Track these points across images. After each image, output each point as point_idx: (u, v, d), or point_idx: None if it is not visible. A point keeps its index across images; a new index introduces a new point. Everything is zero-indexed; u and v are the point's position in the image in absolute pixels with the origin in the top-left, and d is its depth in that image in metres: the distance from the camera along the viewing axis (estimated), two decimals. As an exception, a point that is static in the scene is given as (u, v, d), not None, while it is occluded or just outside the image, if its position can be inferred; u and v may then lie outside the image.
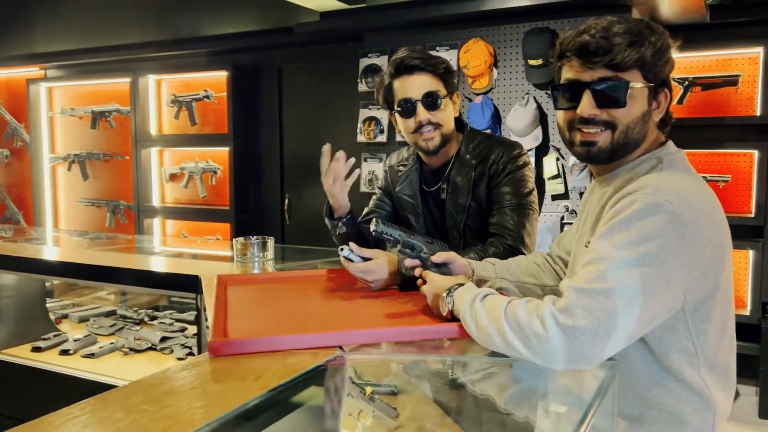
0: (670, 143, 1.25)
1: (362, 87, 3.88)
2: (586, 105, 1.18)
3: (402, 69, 1.76)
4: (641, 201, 1.08)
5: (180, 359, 2.71)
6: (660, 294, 1.06)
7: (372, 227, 1.48)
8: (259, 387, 1.01)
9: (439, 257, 1.45)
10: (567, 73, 1.22)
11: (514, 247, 1.69)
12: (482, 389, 1.41)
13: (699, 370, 1.16)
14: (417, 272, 1.44)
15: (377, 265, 1.60)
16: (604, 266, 1.05)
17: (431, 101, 1.73)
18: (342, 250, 1.62)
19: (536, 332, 1.05)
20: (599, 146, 1.20)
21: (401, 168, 1.95)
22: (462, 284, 1.29)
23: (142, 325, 2.96)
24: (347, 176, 1.75)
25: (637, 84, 1.16)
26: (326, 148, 1.74)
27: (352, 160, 1.75)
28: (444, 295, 1.28)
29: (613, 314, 1.02)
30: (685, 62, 3.54)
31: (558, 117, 1.28)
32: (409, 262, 1.47)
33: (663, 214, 1.06)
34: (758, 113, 3.40)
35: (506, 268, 1.52)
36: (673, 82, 1.25)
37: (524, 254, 1.68)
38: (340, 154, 1.73)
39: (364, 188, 3.92)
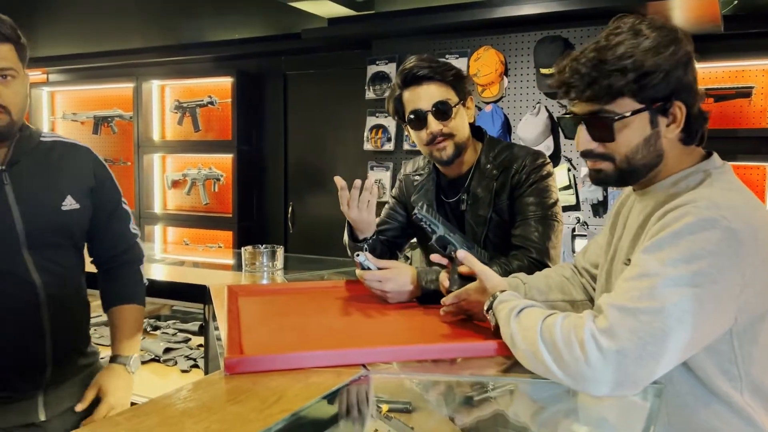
0: (716, 156, 1.18)
1: (369, 94, 3.83)
2: (581, 139, 1.15)
3: (410, 79, 1.70)
4: (694, 215, 1.01)
5: (184, 371, 2.64)
6: (711, 315, 0.99)
7: (416, 210, 1.42)
8: (280, 410, 0.95)
9: (466, 269, 1.37)
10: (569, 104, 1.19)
11: (538, 260, 1.62)
12: (505, 409, 1.35)
13: (743, 394, 1.09)
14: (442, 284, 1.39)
15: (395, 274, 1.54)
16: (651, 284, 0.98)
17: (442, 111, 1.67)
18: (358, 255, 1.55)
19: (575, 356, 0.98)
20: (605, 174, 1.17)
21: (417, 177, 1.89)
22: (501, 293, 1.22)
23: (145, 335, 2.89)
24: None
25: (627, 113, 1.09)
26: (340, 182, 1.67)
27: (369, 180, 1.67)
28: (484, 312, 1.23)
29: (661, 336, 0.96)
30: (698, 73, 3.49)
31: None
32: (435, 257, 1.40)
33: (717, 230, 0.99)
34: (772, 125, 3.35)
35: (536, 286, 1.44)
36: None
37: (549, 267, 1.62)
38: (358, 183, 1.65)
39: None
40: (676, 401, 1.10)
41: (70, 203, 1.48)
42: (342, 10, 3.92)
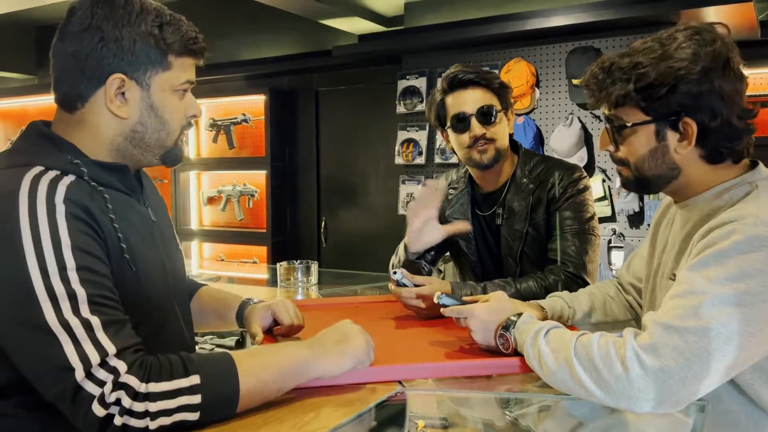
0: (762, 166, 1.14)
1: (400, 109, 3.85)
2: (601, 139, 1.19)
3: (456, 84, 1.71)
4: (741, 233, 0.98)
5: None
6: (759, 335, 0.96)
7: (435, 299, 1.41)
8: (318, 427, 0.96)
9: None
10: None
11: (576, 275, 1.61)
12: (542, 425, 1.33)
13: None
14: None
15: (432, 291, 1.54)
16: (698, 302, 0.96)
17: (486, 115, 1.68)
18: (395, 273, 1.56)
19: (616, 374, 0.96)
20: (625, 178, 1.19)
21: (451, 191, 1.88)
22: (518, 316, 1.19)
23: (182, 351, 2.93)
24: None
25: (629, 123, 1.10)
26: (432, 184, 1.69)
27: (440, 182, 1.68)
28: (501, 332, 1.20)
29: (706, 356, 0.93)
30: (743, 92, 3.41)
31: None
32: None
33: (767, 248, 0.96)
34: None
35: (580, 308, 1.41)
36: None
37: (587, 282, 1.60)
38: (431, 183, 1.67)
39: (402, 211, 3.87)
40: (725, 419, 1.07)
41: None
42: (372, 26, 3.96)
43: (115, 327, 0.93)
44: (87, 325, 0.90)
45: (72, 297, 0.90)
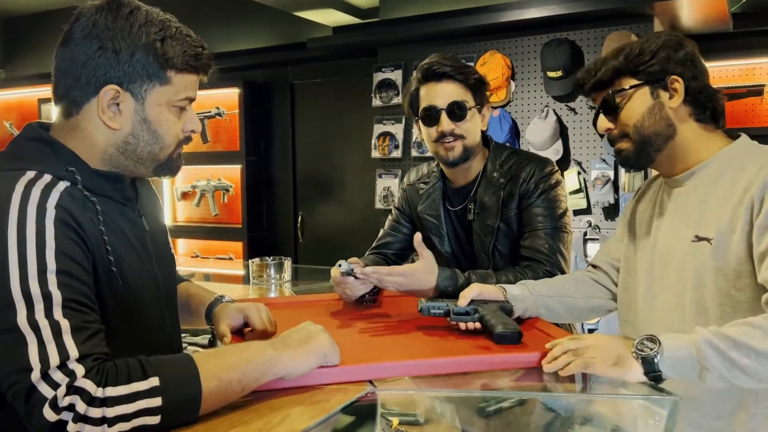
0: (745, 135, 1.32)
1: (376, 102, 3.82)
2: (600, 123, 1.36)
3: (430, 75, 1.66)
4: None
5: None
6: None
7: (419, 306, 1.39)
8: (286, 429, 0.93)
9: (464, 299, 1.37)
10: None
11: (551, 273, 1.60)
12: (518, 419, 1.32)
13: None
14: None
15: (415, 268, 1.53)
16: None
17: (456, 111, 1.64)
18: (340, 265, 1.52)
19: None
20: (626, 153, 1.33)
21: (422, 186, 1.85)
22: (649, 340, 1.09)
23: (155, 349, 2.89)
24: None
25: (626, 86, 1.29)
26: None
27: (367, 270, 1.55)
28: (643, 357, 1.08)
29: None
30: (709, 72, 3.45)
31: None
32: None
33: None
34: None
35: (540, 283, 1.47)
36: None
37: None
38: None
39: (379, 205, 3.85)
40: None
41: None
42: (347, 19, 3.92)
43: (85, 333, 0.90)
44: (55, 328, 0.88)
45: (47, 298, 0.89)
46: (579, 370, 1.10)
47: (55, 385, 0.85)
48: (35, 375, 0.85)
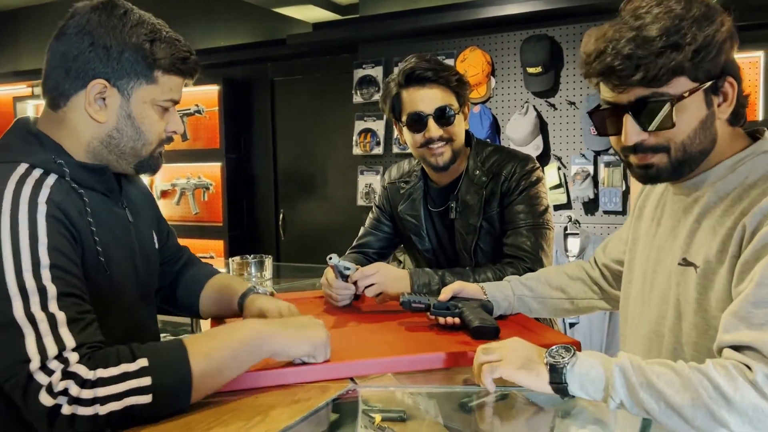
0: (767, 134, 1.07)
1: (357, 99, 3.81)
2: (630, 132, 1.01)
3: (413, 79, 1.63)
4: None
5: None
6: None
7: (400, 300, 1.40)
8: (265, 429, 0.92)
9: (446, 295, 1.37)
10: (604, 93, 1.04)
11: (532, 270, 1.59)
12: (501, 413, 1.32)
13: None
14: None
15: (384, 267, 1.53)
16: None
17: (444, 117, 1.62)
18: (330, 258, 1.51)
19: (754, 404, 0.86)
20: (658, 168, 1.03)
21: (402, 185, 1.82)
22: (566, 349, 1.00)
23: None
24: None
25: (685, 93, 0.97)
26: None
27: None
28: (554, 370, 0.99)
29: None
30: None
31: (611, 140, 1.11)
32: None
33: None
34: (761, 118, 3.34)
35: (524, 283, 1.43)
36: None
37: None
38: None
39: (361, 201, 3.84)
40: None
41: None
42: (327, 15, 3.90)
43: (81, 324, 0.94)
44: (52, 320, 0.91)
45: (42, 292, 0.92)
46: (488, 374, 1.03)
47: (50, 373, 0.88)
48: (34, 365, 0.88)
